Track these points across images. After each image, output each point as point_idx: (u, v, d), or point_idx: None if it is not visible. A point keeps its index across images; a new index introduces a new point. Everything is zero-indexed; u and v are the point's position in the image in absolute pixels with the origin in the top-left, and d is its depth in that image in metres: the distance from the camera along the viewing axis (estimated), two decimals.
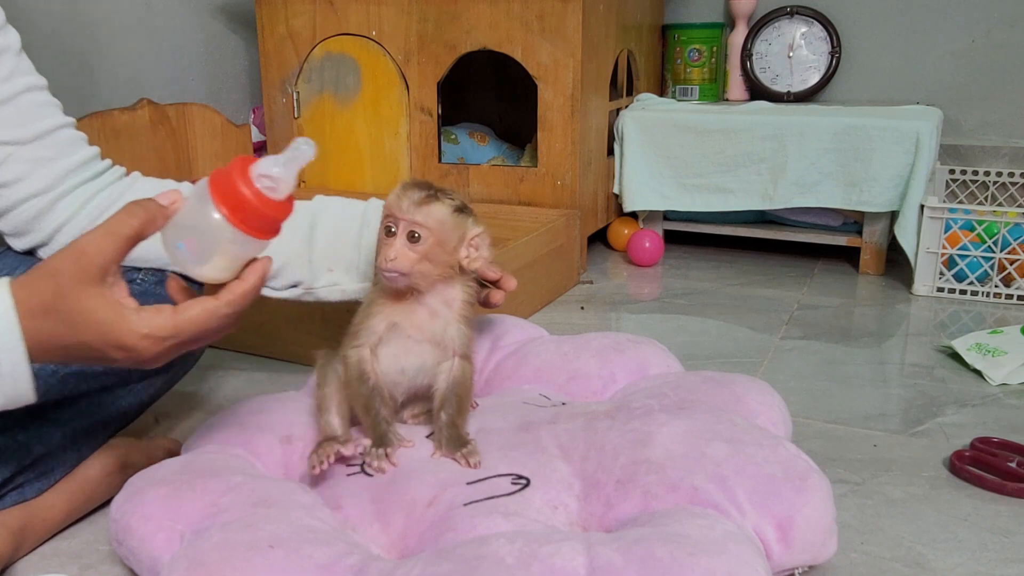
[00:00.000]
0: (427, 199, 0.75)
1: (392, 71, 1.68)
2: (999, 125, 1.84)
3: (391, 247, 0.74)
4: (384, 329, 0.78)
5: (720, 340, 1.29)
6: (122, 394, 0.82)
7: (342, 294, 0.89)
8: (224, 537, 0.60)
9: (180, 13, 1.81)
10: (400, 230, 0.75)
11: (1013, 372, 1.13)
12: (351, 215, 0.88)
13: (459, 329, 0.79)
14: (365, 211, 0.89)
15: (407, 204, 0.75)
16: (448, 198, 0.77)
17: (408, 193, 0.75)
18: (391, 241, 0.75)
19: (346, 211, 0.89)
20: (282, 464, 0.78)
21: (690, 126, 1.67)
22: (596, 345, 0.95)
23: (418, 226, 0.74)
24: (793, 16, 1.90)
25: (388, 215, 0.76)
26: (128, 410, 0.84)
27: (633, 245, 1.70)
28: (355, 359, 0.78)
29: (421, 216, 0.74)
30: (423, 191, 0.76)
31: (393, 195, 0.76)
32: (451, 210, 0.76)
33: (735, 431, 0.72)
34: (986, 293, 1.46)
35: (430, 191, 0.76)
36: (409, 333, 0.78)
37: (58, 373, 0.76)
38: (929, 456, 0.92)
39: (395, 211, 0.75)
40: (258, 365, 1.20)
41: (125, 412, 0.83)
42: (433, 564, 0.58)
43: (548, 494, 0.69)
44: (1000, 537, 0.77)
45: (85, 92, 1.61)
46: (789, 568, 0.66)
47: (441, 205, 0.76)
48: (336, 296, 0.89)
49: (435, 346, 0.79)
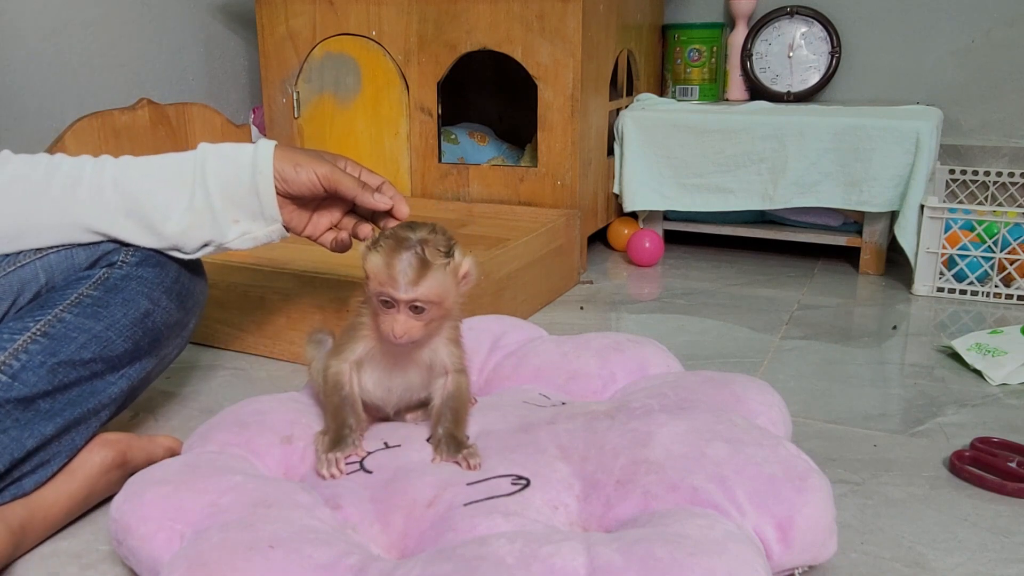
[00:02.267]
0: (421, 272, 0.71)
1: (392, 71, 1.68)
2: (999, 125, 1.84)
3: (396, 322, 0.72)
4: (368, 354, 0.78)
5: (720, 340, 1.29)
6: (113, 379, 0.82)
7: (254, 241, 0.89)
8: (224, 537, 0.60)
9: (180, 13, 1.81)
10: (401, 306, 0.72)
11: (1013, 372, 1.13)
12: (240, 164, 0.87)
13: (448, 351, 0.78)
14: (254, 159, 0.86)
15: (403, 284, 0.71)
16: (436, 251, 0.73)
17: (400, 271, 0.71)
18: (393, 315, 0.72)
19: (235, 160, 0.87)
20: (282, 464, 0.78)
21: (690, 126, 1.67)
22: (596, 345, 0.95)
23: (419, 301, 0.72)
24: (793, 16, 1.90)
25: (382, 292, 0.72)
26: (120, 395, 0.84)
27: (633, 245, 1.70)
28: (333, 370, 0.78)
29: (421, 292, 0.72)
30: (413, 264, 0.71)
31: (381, 273, 0.72)
32: (444, 269, 0.73)
33: (735, 431, 0.72)
34: (986, 293, 1.46)
35: (419, 257, 0.71)
36: (395, 358, 0.77)
37: (47, 364, 0.76)
38: (929, 456, 0.92)
39: (391, 292, 0.71)
40: (258, 365, 1.20)
41: (117, 397, 0.83)
42: (433, 564, 0.58)
43: (548, 494, 0.69)
44: (1000, 537, 0.77)
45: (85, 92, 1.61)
46: (789, 568, 0.66)
47: (436, 271, 0.72)
48: (249, 244, 0.89)
49: (422, 368, 0.79)
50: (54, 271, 0.85)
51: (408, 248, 0.72)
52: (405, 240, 0.73)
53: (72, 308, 0.81)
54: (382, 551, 0.67)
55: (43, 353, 0.77)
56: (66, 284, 0.84)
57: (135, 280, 0.86)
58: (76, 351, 0.79)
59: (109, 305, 0.83)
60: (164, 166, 0.87)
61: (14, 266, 0.84)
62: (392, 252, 0.72)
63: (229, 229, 0.87)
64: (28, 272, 0.84)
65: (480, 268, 0.77)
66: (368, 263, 0.73)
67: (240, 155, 0.87)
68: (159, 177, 0.86)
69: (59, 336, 0.78)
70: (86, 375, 0.80)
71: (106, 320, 0.82)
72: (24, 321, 0.79)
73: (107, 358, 0.81)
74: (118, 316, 0.83)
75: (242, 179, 0.86)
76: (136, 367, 0.85)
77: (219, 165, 0.86)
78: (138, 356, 0.85)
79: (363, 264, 0.74)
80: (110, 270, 0.85)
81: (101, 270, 0.85)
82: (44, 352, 0.77)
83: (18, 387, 0.74)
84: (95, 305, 0.82)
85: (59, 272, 0.85)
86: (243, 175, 0.86)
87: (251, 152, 0.87)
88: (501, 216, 1.60)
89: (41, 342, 0.77)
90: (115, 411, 0.84)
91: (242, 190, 0.86)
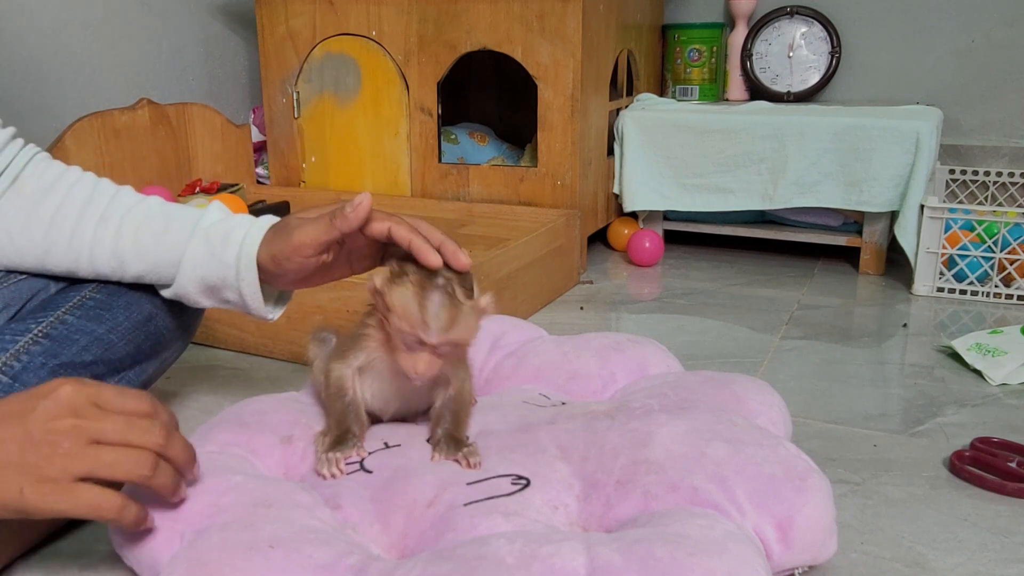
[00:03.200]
0: (452, 315, 0.69)
1: (392, 71, 1.68)
2: (999, 125, 1.84)
3: (420, 361, 0.70)
4: (370, 363, 0.77)
5: (720, 340, 1.29)
6: (113, 382, 0.82)
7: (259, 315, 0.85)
8: (224, 537, 0.60)
9: (180, 13, 1.81)
10: (428, 347, 0.70)
11: (1013, 372, 1.13)
12: (226, 263, 0.81)
13: (454, 370, 0.77)
14: (238, 270, 0.80)
15: (435, 329, 0.69)
16: (464, 290, 0.70)
17: (432, 315, 0.69)
18: (417, 354, 0.70)
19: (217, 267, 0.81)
20: (282, 464, 0.78)
21: (690, 126, 1.67)
22: (596, 345, 0.95)
23: (448, 344, 0.71)
24: (793, 16, 1.90)
25: (411, 334, 0.69)
26: None
27: (633, 245, 1.70)
28: (336, 375, 0.77)
29: (453, 336, 0.70)
30: (445, 306, 0.69)
31: (413, 315, 0.69)
32: (471, 309, 0.71)
33: (735, 431, 0.72)
34: (986, 293, 1.46)
35: (451, 299, 0.69)
36: (398, 373, 0.76)
37: (48, 366, 0.76)
38: (929, 456, 0.92)
39: (422, 335, 0.69)
40: (258, 365, 1.20)
41: None
42: (433, 564, 0.58)
43: (548, 494, 0.69)
44: (1000, 537, 0.77)
45: (85, 92, 1.61)
46: (789, 568, 0.66)
47: (466, 314, 0.70)
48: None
49: (425, 383, 0.76)
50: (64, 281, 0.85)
51: (437, 289, 0.69)
52: (432, 279, 0.70)
53: (74, 310, 0.81)
54: (382, 551, 0.67)
55: (44, 355, 0.77)
56: (70, 287, 0.84)
57: (107, 310, 0.86)
58: (77, 353, 0.79)
59: (112, 308, 0.83)
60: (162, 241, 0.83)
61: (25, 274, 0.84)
62: (421, 292, 0.69)
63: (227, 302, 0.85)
64: (40, 281, 0.84)
65: (495, 301, 0.75)
66: (395, 299, 0.70)
67: (226, 252, 0.80)
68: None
69: (61, 338, 0.78)
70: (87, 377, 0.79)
71: (108, 323, 0.82)
72: (26, 323, 0.79)
73: (108, 361, 0.81)
74: (120, 319, 0.83)
75: (227, 280, 0.81)
76: (136, 370, 0.85)
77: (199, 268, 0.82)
78: (139, 359, 0.85)
79: (385, 295, 0.71)
80: (82, 298, 0.85)
81: None
82: (45, 354, 0.77)
83: (19, 388, 0.74)
84: (97, 308, 0.82)
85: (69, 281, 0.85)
86: (228, 275, 0.81)
87: (234, 260, 0.80)
88: (501, 216, 1.60)
89: (43, 344, 0.77)
90: None
91: (228, 293, 0.83)
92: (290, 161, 1.84)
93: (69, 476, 0.56)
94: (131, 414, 0.60)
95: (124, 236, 0.82)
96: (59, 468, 0.56)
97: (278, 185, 1.87)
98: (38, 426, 0.56)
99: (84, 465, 0.57)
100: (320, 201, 1.75)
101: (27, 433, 0.56)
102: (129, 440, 0.59)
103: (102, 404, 0.59)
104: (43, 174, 0.83)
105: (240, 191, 1.66)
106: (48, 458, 0.56)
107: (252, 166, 1.89)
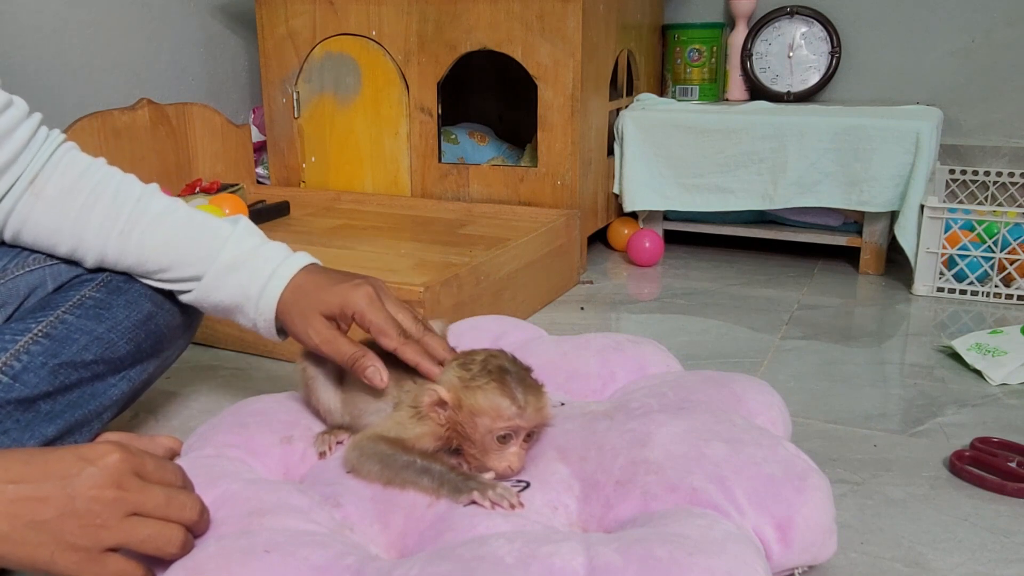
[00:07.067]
0: (540, 396, 0.70)
1: (392, 71, 1.68)
2: (999, 125, 1.84)
3: (515, 456, 0.69)
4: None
5: (720, 340, 1.29)
6: (114, 381, 0.82)
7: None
8: (221, 546, 0.61)
9: (180, 13, 1.81)
10: (521, 435, 0.70)
11: (1013, 372, 1.13)
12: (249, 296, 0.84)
13: None
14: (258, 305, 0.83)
15: (531, 412, 0.69)
16: (531, 377, 0.72)
17: (527, 402, 0.69)
18: (511, 449, 0.70)
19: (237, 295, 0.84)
20: (282, 464, 0.78)
21: (690, 126, 1.67)
22: (596, 345, 0.95)
23: (540, 426, 0.72)
24: (793, 16, 1.90)
25: (508, 427, 0.68)
26: (121, 397, 0.83)
27: (633, 245, 1.70)
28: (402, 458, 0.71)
29: (546, 415, 0.71)
30: (533, 389, 0.70)
31: (506, 408, 0.68)
32: (543, 387, 0.72)
33: (734, 431, 0.72)
34: (986, 293, 1.46)
35: (533, 381, 0.71)
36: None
37: (48, 365, 0.76)
38: (929, 456, 0.92)
39: (519, 422, 0.68)
40: (258, 365, 1.20)
41: (118, 399, 0.83)
42: (432, 564, 0.58)
43: (548, 495, 0.69)
44: (1000, 537, 0.77)
45: (85, 92, 1.61)
46: (789, 568, 0.66)
47: (547, 394, 0.72)
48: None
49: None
50: (62, 278, 0.84)
51: (517, 377, 0.70)
52: (506, 370, 0.70)
53: (74, 309, 0.81)
54: (381, 550, 0.67)
55: (45, 354, 0.77)
56: (69, 286, 0.84)
57: (138, 282, 0.86)
58: (78, 352, 0.79)
59: (112, 307, 0.83)
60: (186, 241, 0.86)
61: (23, 270, 0.84)
62: (507, 385, 0.69)
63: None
64: (36, 278, 0.84)
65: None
66: (481, 401, 0.69)
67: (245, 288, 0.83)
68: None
69: (61, 337, 0.78)
70: (87, 377, 0.79)
71: (108, 322, 0.82)
72: (26, 322, 0.79)
73: (109, 360, 0.81)
74: (120, 318, 0.83)
75: (245, 310, 0.85)
76: (137, 369, 0.85)
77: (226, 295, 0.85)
78: (140, 358, 0.85)
79: (463, 402, 0.69)
80: (113, 272, 0.85)
81: (104, 272, 0.85)
82: (46, 353, 0.77)
83: (19, 388, 0.74)
84: (97, 307, 0.82)
85: (67, 279, 0.85)
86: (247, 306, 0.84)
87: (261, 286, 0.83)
88: (501, 216, 1.60)
89: (43, 343, 0.77)
90: (116, 412, 0.84)
91: (241, 319, 0.86)
92: (290, 161, 1.84)
93: (100, 547, 0.56)
94: (169, 485, 0.61)
95: (146, 248, 0.84)
96: (93, 539, 0.56)
97: (278, 185, 1.87)
98: (82, 492, 0.56)
99: (118, 538, 0.57)
100: (320, 201, 1.75)
101: (69, 498, 0.56)
102: (167, 515, 0.59)
103: (144, 475, 0.59)
104: (64, 174, 0.83)
105: (240, 191, 1.66)
106: (84, 528, 0.56)
107: (252, 166, 1.89)
